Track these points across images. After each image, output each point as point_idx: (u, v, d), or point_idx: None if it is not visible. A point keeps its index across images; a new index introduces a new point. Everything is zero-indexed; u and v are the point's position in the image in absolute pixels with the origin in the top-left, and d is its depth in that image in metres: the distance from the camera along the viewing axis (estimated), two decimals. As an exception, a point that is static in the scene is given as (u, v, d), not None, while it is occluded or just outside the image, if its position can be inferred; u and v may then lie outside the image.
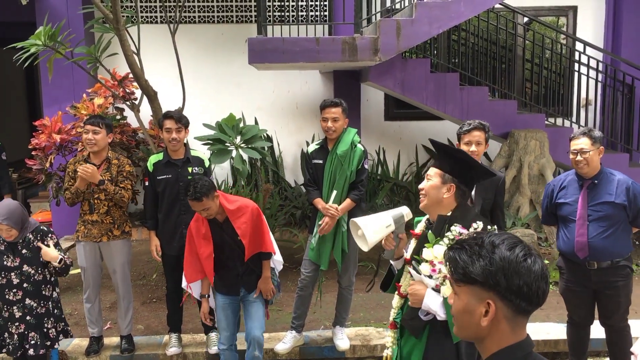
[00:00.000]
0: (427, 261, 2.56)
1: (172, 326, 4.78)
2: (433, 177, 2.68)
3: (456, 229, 2.52)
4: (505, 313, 1.46)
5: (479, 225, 2.53)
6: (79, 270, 4.83)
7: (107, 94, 6.66)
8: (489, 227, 2.55)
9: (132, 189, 4.68)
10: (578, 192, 3.90)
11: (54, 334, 3.95)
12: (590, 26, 8.34)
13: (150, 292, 5.92)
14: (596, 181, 3.85)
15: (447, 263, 1.54)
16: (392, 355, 2.83)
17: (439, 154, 2.74)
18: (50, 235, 3.91)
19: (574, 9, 8.35)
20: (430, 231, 2.62)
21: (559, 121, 7.80)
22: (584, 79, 7.49)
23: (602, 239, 3.80)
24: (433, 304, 2.54)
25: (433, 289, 2.56)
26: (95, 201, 4.51)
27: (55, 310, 3.99)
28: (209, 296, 4.05)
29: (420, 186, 2.74)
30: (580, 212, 3.86)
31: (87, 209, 4.54)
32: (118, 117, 6.92)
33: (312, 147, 4.64)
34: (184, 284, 4.10)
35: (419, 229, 2.82)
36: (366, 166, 4.51)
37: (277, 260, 4.17)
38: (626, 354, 3.99)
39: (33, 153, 6.36)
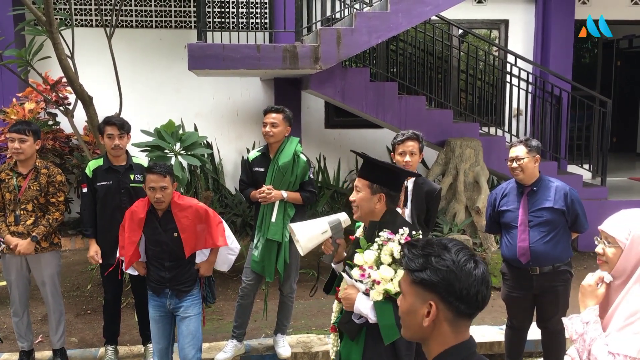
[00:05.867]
0: (358, 266, 2.60)
1: (108, 338, 4.63)
2: (362, 188, 2.70)
3: (384, 234, 2.57)
4: (446, 315, 1.53)
5: (405, 231, 2.57)
6: (5, 283, 4.62)
7: (39, 98, 6.43)
8: (414, 232, 2.61)
9: (65, 199, 4.52)
10: (519, 199, 4.04)
11: None
12: (521, 39, 8.71)
13: (85, 304, 5.73)
14: (535, 188, 4.00)
15: (403, 259, 1.60)
16: (334, 358, 2.86)
17: (364, 166, 2.76)
18: None
19: (506, 22, 8.70)
20: (362, 237, 2.66)
21: (492, 130, 8.10)
22: (515, 90, 7.80)
23: (543, 244, 3.93)
24: (364, 307, 2.60)
25: (364, 292, 2.61)
26: (22, 212, 4.32)
27: None
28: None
29: (351, 198, 2.77)
30: (521, 218, 4.00)
31: (12, 220, 4.32)
32: (50, 122, 6.69)
33: (253, 155, 4.61)
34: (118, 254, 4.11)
35: (358, 233, 2.88)
36: (312, 176, 4.53)
37: (236, 246, 4.15)
38: (560, 355, 4.16)
39: (-42, 160, 6.06)
